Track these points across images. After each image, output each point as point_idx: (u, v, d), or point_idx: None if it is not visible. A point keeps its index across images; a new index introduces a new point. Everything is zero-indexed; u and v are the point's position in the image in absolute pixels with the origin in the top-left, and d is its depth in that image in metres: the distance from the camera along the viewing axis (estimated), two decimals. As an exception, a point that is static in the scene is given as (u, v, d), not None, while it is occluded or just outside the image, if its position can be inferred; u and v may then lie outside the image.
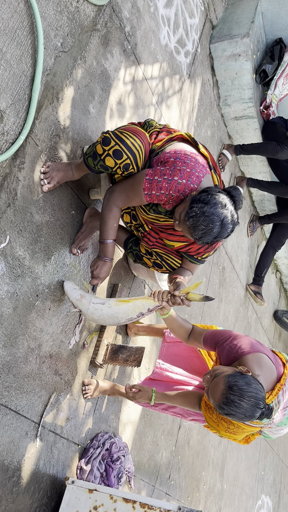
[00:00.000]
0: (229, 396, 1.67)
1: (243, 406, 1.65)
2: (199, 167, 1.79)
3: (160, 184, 1.76)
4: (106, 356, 2.33)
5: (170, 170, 1.75)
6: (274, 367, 1.88)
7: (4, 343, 1.73)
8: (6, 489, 1.76)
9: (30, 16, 1.77)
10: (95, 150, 1.80)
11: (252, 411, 1.66)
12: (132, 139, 1.78)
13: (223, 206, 1.71)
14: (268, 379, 1.83)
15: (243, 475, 4.75)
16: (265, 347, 1.94)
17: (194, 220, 1.69)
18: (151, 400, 2.17)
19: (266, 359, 1.85)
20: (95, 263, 2.02)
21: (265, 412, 1.69)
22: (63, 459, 2.10)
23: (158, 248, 2.07)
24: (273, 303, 6.08)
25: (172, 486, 3.22)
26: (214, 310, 4.00)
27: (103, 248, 1.98)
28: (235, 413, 1.67)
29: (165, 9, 2.89)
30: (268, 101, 3.96)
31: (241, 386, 1.67)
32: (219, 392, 1.71)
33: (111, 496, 1.90)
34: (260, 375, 1.78)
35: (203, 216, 1.68)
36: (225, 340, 1.90)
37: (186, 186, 1.76)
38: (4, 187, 1.71)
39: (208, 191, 1.74)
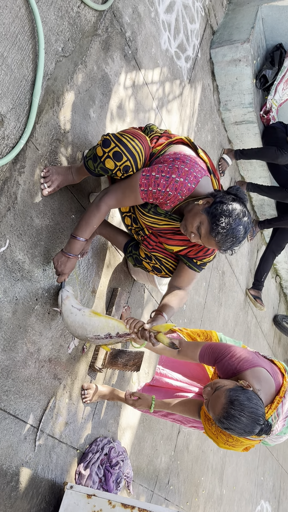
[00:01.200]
0: (230, 411, 1.66)
1: (243, 422, 1.64)
2: (198, 167, 1.79)
3: (157, 180, 1.75)
4: (105, 360, 2.32)
5: (168, 167, 1.75)
6: (273, 379, 1.87)
7: (3, 347, 1.73)
8: (4, 494, 1.76)
9: (31, 21, 1.78)
10: (95, 152, 1.80)
11: (251, 427, 1.65)
12: (132, 141, 1.78)
13: (244, 214, 1.75)
14: (268, 392, 1.83)
15: (242, 480, 4.73)
16: (262, 359, 1.93)
17: (223, 236, 1.73)
18: (150, 407, 2.16)
19: (264, 372, 1.84)
20: (58, 259, 1.89)
21: (264, 428, 1.68)
22: (62, 464, 2.09)
23: (157, 252, 2.07)
24: (273, 308, 6.07)
25: (171, 491, 3.21)
26: (213, 315, 3.99)
27: (72, 244, 1.87)
28: (235, 428, 1.66)
29: (166, 15, 2.90)
30: (268, 106, 3.97)
31: (242, 401, 1.66)
32: (219, 406, 1.70)
33: (110, 501, 1.89)
34: (260, 390, 1.78)
35: (231, 230, 1.72)
36: (223, 357, 1.88)
37: (183, 184, 1.75)
38: (4, 191, 1.71)
39: (221, 201, 1.73)
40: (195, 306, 3.61)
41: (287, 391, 1.89)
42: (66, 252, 1.87)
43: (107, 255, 2.43)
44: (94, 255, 2.32)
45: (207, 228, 1.74)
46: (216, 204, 1.73)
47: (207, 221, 1.74)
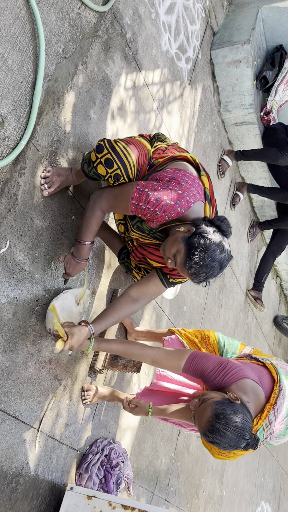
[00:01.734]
0: (215, 424, 1.63)
1: (228, 436, 1.61)
2: (193, 192, 1.74)
3: (148, 198, 1.70)
4: (105, 361, 2.32)
5: (162, 188, 1.71)
6: (261, 388, 1.83)
7: (3, 348, 1.73)
8: (4, 495, 1.76)
9: (32, 22, 1.78)
10: (90, 156, 1.80)
11: (236, 442, 1.62)
12: (126, 150, 1.75)
13: (222, 250, 1.71)
14: (257, 402, 1.80)
15: (242, 481, 4.73)
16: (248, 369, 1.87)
17: (196, 270, 1.70)
18: (148, 415, 2.16)
19: (250, 384, 1.80)
20: (68, 261, 1.94)
21: (250, 442, 1.65)
22: (62, 465, 2.09)
23: (143, 264, 2.07)
24: (273, 309, 6.07)
25: (171, 492, 3.21)
26: (214, 316, 3.99)
27: (80, 249, 1.92)
28: (219, 442, 1.63)
29: (166, 16, 2.91)
30: (269, 107, 3.97)
31: (228, 415, 1.63)
32: (205, 419, 1.67)
33: (110, 502, 1.89)
34: (249, 401, 1.75)
35: (205, 266, 1.69)
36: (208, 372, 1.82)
37: (173, 208, 1.71)
38: (4, 192, 1.71)
39: (201, 233, 1.69)
40: (196, 307, 3.61)
41: (278, 397, 1.85)
42: (76, 257, 1.93)
43: (108, 256, 2.43)
44: (95, 256, 2.32)
45: (182, 259, 1.72)
46: (195, 236, 1.70)
47: (183, 252, 1.71)
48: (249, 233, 4.85)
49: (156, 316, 2.98)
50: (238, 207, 4.46)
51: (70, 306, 1.97)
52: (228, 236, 1.78)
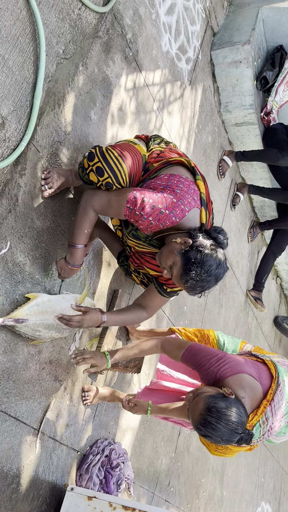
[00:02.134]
0: (207, 418, 1.63)
1: (220, 429, 1.61)
2: (188, 199, 1.72)
3: (143, 204, 1.69)
4: (106, 362, 2.32)
5: (157, 196, 1.69)
6: (259, 384, 1.83)
7: (4, 349, 1.73)
8: (5, 496, 1.76)
9: (32, 23, 1.78)
10: (83, 164, 1.79)
11: (229, 435, 1.62)
12: (116, 159, 1.73)
13: (218, 265, 1.72)
14: (253, 398, 1.79)
15: (243, 482, 4.73)
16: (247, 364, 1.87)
17: (192, 284, 1.72)
18: (147, 413, 2.16)
19: (247, 379, 1.79)
20: (62, 267, 1.89)
21: (244, 437, 1.64)
22: (63, 466, 2.09)
23: (142, 269, 2.06)
24: (274, 309, 6.07)
25: (171, 493, 3.21)
26: (214, 316, 3.99)
27: (73, 253, 1.85)
28: (212, 435, 1.63)
29: (167, 16, 2.91)
30: (269, 107, 3.97)
31: (220, 408, 1.63)
32: (197, 412, 1.67)
33: (111, 503, 1.89)
34: (245, 397, 1.74)
35: (201, 281, 1.71)
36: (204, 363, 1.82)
37: (167, 217, 1.70)
38: (5, 193, 1.71)
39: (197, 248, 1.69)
40: (196, 307, 3.61)
41: (275, 393, 1.84)
42: (69, 263, 1.87)
43: (108, 257, 2.43)
44: (95, 256, 2.32)
45: (178, 271, 1.73)
46: (191, 250, 1.70)
47: (180, 265, 1.72)
48: (249, 233, 4.85)
49: (156, 316, 2.98)
50: (238, 207, 4.46)
51: (69, 308, 1.96)
52: (225, 248, 1.78)
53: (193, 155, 3.40)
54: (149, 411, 2.15)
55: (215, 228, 1.78)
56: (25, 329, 1.76)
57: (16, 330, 1.75)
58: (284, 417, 1.91)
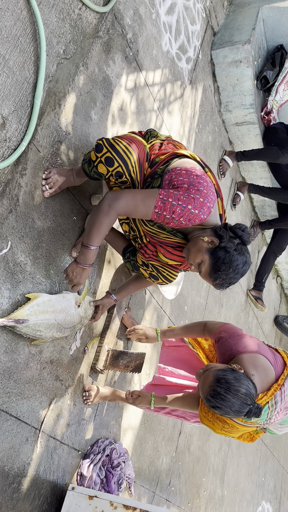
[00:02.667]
0: (216, 389, 1.70)
1: (229, 400, 1.67)
2: (211, 195, 1.76)
3: (174, 208, 1.72)
4: (106, 362, 2.33)
5: (184, 196, 1.71)
6: (273, 368, 1.88)
7: (5, 349, 1.73)
8: (6, 496, 1.76)
9: (33, 23, 1.78)
10: (90, 156, 1.80)
11: (238, 406, 1.67)
12: (124, 147, 1.75)
13: (244, 263, 1.82)
14: (264, 379, 1.84)
15: (243, 481, 4.73)
16: (266, 349, 1.94)
17: (221, 281, 1.82)
18: (150, 404, 2.18)
19: (263, 360, 1.86)
20: (73, 270, 1.87)
21: (253, 410, 1.69)
22: (64, 465, 2.09)
23: (153, 261, 2.07)
24: (274, 309, 6.07)
25: (172, 492, 3.21)
26: (214, 316, 3.99)
27: (86, 254, 1.82)
28: (221, 406, 1.69)
29: (167, 16, 2.91)
30: (269, 107, 3.97)
31: (229, 380, 1.70)
32: (207, 384, 1.74)
33: (111, 502, 1.89)
34: (254, 374, 1.79)
35: (229, 279, 1.82)
36: (225, 337, 1.93)
37: (197, 216, 1.74)
38: (6, 193, 1.72)
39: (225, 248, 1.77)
40: (196, 307, 3.61)
41: (286, 379, 1.89)
42: (80, 263, 1.85)
43: (108, 256, 2.43)
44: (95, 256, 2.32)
45: (207, 270, 1.82)
46: (220, 249, 1.78)
47: (208, 263, 1.80)
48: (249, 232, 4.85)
49: (157, 316, 2.98)
50: (238, 207, 4.46)
51: (69, 307, 1.97)
52: (249, 244, 1.87)
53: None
54: (152, 401, 2.19)
55: (240, 226, 1.86)
56: (25, 330, 1.76)
57: (17, 331, 1.75)
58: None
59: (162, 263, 2.06)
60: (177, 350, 2.51)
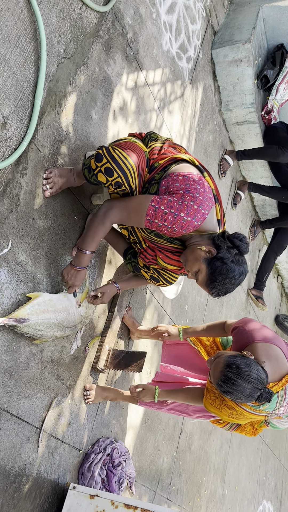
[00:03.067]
0: (227, 374, 1.73)
1: (240, 384, 1.70)
2: (206, 201, 1.75)
3: (165, 215, 1.72)
4: (107, 361, 2.33)
5: (178, 203, 1.71)
6: (286, 360, 1.89)
7: (6, 348, 1.74)
8: (7, 495, 1.76)
9: (33, 23, 1.78)
10: (90, 164, 1.80)
11: (250, 391, 1.70)
12: (124, 157, 1.74)
13: (241, 273, 1.82)
14: (276, 369, 1.85)
15: (244, 480, 4.74)
16: (282, 342, 1.96)
17: (217, 290, 1.85)
18: (154, 397, 2.19)
19: (277, 350, 1.88)
20: (68, 272, 1.93)
21: (264, 394, 1.72)
22: (65, 465, 2.09)
23: (154, 264, 2.07)
24: (275, 308, 6.07)
25: (173, 491, 3.21)
26: (215, 315, 3.99)
27: (81, 257, 1.89)
28: (233, 391, 1.72)
29: (167, 16, 2.91)
30: (270, 106, 3.97)
31: (239, 365, 1.73)
32: (218, 370, 1.78)
33: (112, 502, 1.90)
34: (265, 362, 1.82)
35: (225, 289, 1.84)
36: (243, 326, 1.95)
37: (190, 223, 1.73)
38: (6, 193, 1.72)
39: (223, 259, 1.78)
40: (197, 306, 3.61)
41: None
42: (75, 265, 1.91)
43: (109, 256, 2.43)
44: (96, 256, 2.33)
45: (204, 279, 1.84)
46: (217, 260, 1.79)
47: (205, 273, 1.82)
48: (250, 232, 4.85)
49: (158, 315, 2.98)
50: (239, 206, 4.46)
51: (70, 306, 1.97)
52: (246, 254, 1.88)
53: (193, 154, 3.40)
54: (156, 394, 2.21)
55: (238, 235, 1.86)
56: (26, 329, 1.76)
57: (17, 330, 1.75)
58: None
59: (162, 267, 2.06)
60: (178, 348, 2.52)
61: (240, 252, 1.83)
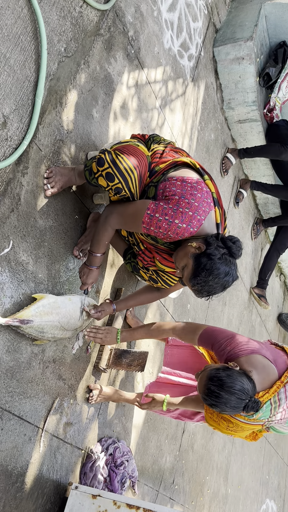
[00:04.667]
0: (210, 387, 1.72)
1: (223, 396, 1.68)
2: (203, 206, 1.73)
3: (159, 223, 1.71)
4: (109, 360, 2.32)
5: (173, 210, 1.70)
6: (274, 366, 1.86)
7: (7, 348, 1.73)
8: (9, 495, 1.76)
9: (34, 21, 1.77)
10: (91, 167, 1.80)
11: (234, 402, 1.68)
12: (126, 163, 1.74)
13: (226, 273, 1.75)
14: (266, 378, 1.82)
15: (247, 479, 4.73)
16: (264, 347, 1.92)
17: (199, 287, 1.78)
18: (163, 406, 2.18)
19: (260, 359, 1.84)
20: (82, 269, 2.06)
21: (250, 404, 1.69)
22: (67, 464, 2.09)
23: (152, 266, 2.07)
24: (277, 306, 6.06)
25: (176, 491, 3.21)
26: (218, 314, 3.99)
27: (92, 259, 2.00)
28: (217, 403, 1.71)
29: (169, 13, 2.89)
30: (272, 104, 3.95)
31: (221, 377, 1.71)
32: (202, 384, 1.77)
33: (115, 501, 1.89)
34: (252, 371, 1.79)
35: (207, 286, 1.76)
36: (220, 343, 1.89)
37: (185, 230, 1.72)
38: (7, 192, 1.71)
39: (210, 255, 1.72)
40: (199, 305, 3.60)
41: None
42: (89, 265, 2.02)
43: (111, 255, 2.42)
44: (102, 260, 2.32)
45: (188, 274, 1.79)
46: (204, 255, 1.73)
47: (191, 268, 1.77)
48: (252, 230, 4.83)
49: (160, 314, 2.98)
50: (241, 204, 4.44)
51: (74, 310, 1.97)
52: (237, 258, 1.81)
53: (195, 152, 3.39)
54: (165, 403, 2.19)
55: (231, 237, 1.81)
56: (29, 330, 1.76)
57: (20, 331, 1.75)
58: None
59: (160, 268, 2.05)
60: (181, 350, 2.50)
61: (231, 254, 1.78)
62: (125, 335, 2.21)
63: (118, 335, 2.19)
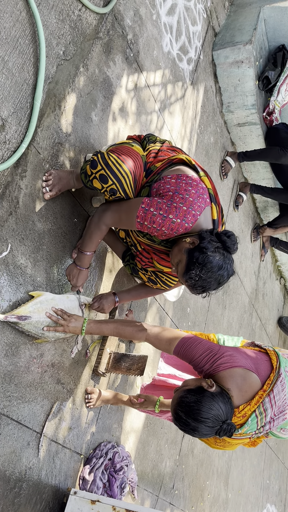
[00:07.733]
0: (178, 412, 1.65)
1: (190, 424, 1.61)
2: (198, 201, 1.71)
3: (154, 217, 1.70)
4: (108, 364, 2.31)
5: (167, 205, 1.69)
6: (255, 375, 1.78)
7: (5, 352, 1.72)
8: (7, 501, 1.74)
9: (32, 24, 1.77)
10: (86, 169, 1.79)
11: (204, 430, 1.60)
12: (119, 164, 1.73)
13: (220, 267, 1.70)
14: (247, 390, 1.75)
15: (248, 484, 4.70)
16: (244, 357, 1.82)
17: (192, 283, 1.72)
18: (155, 408, 2.16)
19: (240, 372, 1.75)
20: (70, 271, 1.98)
21: (223, 429, 1.61)
22: (66, 469, 2.07)
23: (151, 267, 2.06)
24: (278, 310, 6.05)
25: (176, 495, 3.19)
26: (217, 317, 3.97)
27: (82, 258, 1.95)
28: (185, 429, 1.64)
29: (168, 17, 2.90)
30: (271, 107, 3.95)
31: (189, 402, 1.62)
32: (172, 406, 1.70)
33: (114, 507, 1.87)
34: (230, 388, 1.71)
35: (201, 281, 1.71)
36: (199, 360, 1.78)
37: (180, 225, 1.70)
38: (6, 196, 1.70)
39: (203, 249, 1.68)
40: (199, 309, 3.59)
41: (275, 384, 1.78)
42: (78, 265, 1.96)
43: (110, 259, 2.41)
44: (97, 258, 2.31)
45: (182, 269, 1.74)
46: (197, 249, 1.69)
47: (184, 263, 1.73)
48: (252, 233, 4.83)
49: (159, 318, 2.96)
50: (241, 208, 4.44)
51: (72, 308, 1.97)
52: (232, 252, 1.77)
53: (195, 155, 3.39)
54: (158, 404, 2.16)
55: (226, 232, 1.78)
56: (28, 327, 1.76)
57: (19, 327, 1.74)
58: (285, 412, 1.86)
59: (159, 269, 2.04)
60: None
61: (225, 248, 1.73)
62: (91, 326, 1.91)
63: (84, 326, 1.90)
